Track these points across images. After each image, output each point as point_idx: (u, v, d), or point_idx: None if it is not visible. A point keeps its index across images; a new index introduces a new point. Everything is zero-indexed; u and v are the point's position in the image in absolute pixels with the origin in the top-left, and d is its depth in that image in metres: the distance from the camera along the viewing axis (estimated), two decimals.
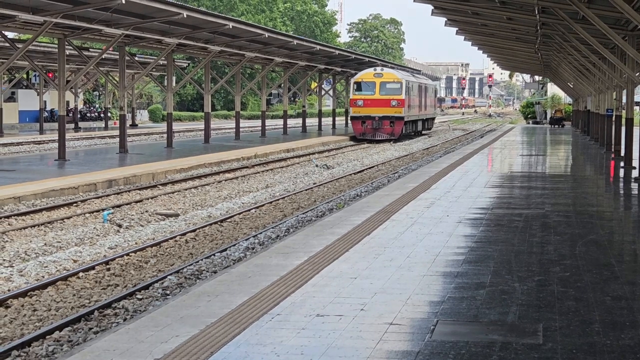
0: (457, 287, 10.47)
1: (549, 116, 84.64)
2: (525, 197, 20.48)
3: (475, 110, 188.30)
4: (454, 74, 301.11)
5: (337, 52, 58.97)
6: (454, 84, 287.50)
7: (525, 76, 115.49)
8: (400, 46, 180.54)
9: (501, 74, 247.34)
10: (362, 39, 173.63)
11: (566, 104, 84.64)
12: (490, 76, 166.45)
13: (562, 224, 15.94)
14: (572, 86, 62.78)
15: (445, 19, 33.06)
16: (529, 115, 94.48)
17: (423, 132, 69.72)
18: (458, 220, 16.14)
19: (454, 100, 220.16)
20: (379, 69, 58.43)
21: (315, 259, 12.19)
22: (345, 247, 13.19)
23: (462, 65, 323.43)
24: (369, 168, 35.77)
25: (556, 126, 76.71)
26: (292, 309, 9.38)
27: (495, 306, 9.54)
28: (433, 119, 76.44)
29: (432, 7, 29.33)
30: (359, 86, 56.95)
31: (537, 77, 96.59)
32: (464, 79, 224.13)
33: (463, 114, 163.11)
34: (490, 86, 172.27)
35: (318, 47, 53.11)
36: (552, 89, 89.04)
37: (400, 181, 24.78)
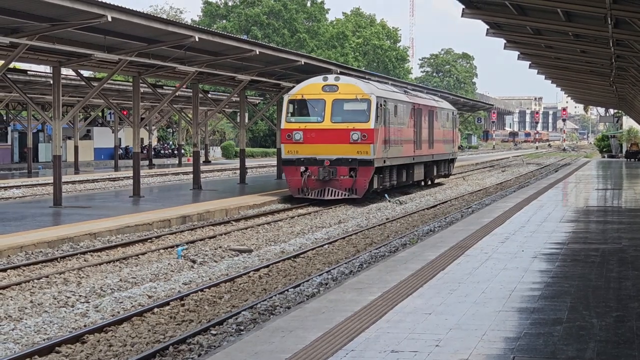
0: (533, 323, 10.32)
1: (624, 150, 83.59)
2: (601, 231, 20.19)
3: (549, 144, 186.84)
4: (527, 108, 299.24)
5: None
6: (527, 118, 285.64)
7: (599, 109, 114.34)
8: (473, 80, 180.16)
9: (575, 107, 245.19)
10: (434, 74, 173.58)
11: None
12: (564, 110, 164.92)
13: None
14: None
15: (517, 53, 32.86)
16: (604, 149, 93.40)
17: (435, 180, 48.40)
18: (533, 256, 15.95)
19: (528, 135, 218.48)
20: (331, 77, 34.87)
21: (389, 295, 12.11)
22: (420, 282, 13.10)
23: (535, 99, 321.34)
24: (442, 203, 35.57)
25: (632, 160, 75.69)
26: (366, 345, 9.32)
27: (572, 342, 9.38)
28: (451, 161, 51.51)
29: (505, 41, 29.17)
30: (297, 107, 34.72)
31: (612, 110, 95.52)
32: (537, 112, 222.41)
33: (537, 148, 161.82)
34: (564, 120, 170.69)
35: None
36: (628, 122, 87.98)
37: (474, 216, 24.60)
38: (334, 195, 33.46)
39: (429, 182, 47.07)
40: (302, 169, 33.74)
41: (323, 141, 33.76)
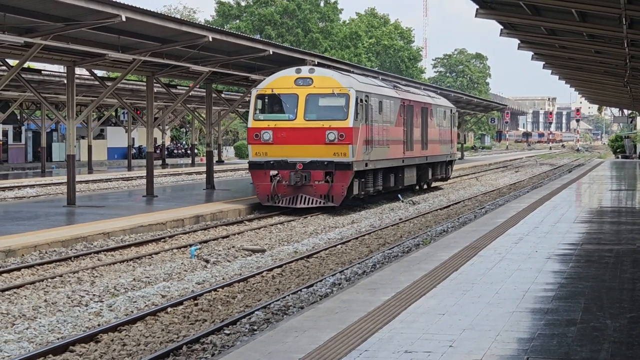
0: (547, 324, 10.31)
1: (638, 150, 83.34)
2: (615, 232, 20.14)
3: (562, 145, 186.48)
4: (541, 109, 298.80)
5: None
6: (541, 119, 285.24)
7: (613, 110, 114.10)
8: (486, 81, 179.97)
9: (589, 107, 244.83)
10: (447, 74, 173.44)
11: None
12: (577, 110, 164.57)
13: None
14: None
15: (531, 53, 32.81)
16: (618, 150, 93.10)
17: (431, 184, 44.74)
18: (547, 256, 15.93)
19: (541, 135, 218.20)
20: (305, 69, 31.21)
21: (402, 295, 12.11)
22: (433, 283, 13.09)
23: (549, 99, 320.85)
24: (455, 203, 35.54)
25: None
26: (379, 345, 9.32)
27: (587, 343, 9.36)
28: (449, 163, 47.10)
29: (519, 42, 29.13)
30: (266, 103, 31.18)
31: (626, 111, 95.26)
32: (551, 113, 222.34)
33: (550, 148, 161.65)
34: (577, 120, 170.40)
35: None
36: None
37: (487, 216, 24.57)
38: (308, 203, 29.90)
39: (425, 187, 43.30)
40: (272, 173, 30.16)
41: (295, 141, 30.22)
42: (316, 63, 34.82)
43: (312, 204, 29.88)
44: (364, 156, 31.16)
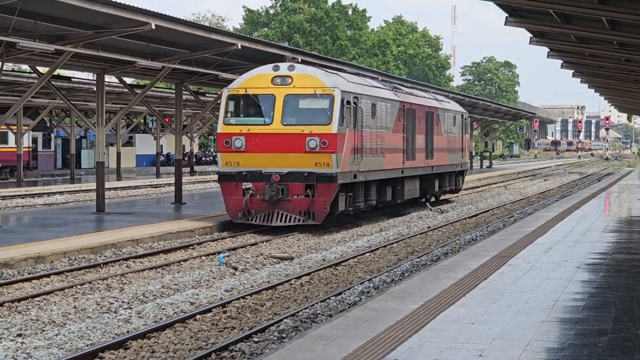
0: (577, 334, 10.25)
1: None
2: None
3: (591, 154, 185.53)
4: (570, 117, 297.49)
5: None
6: (570, 127, 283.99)
7: None
8: (515, 89, 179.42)
9: (618, 116, 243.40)
10: (476, 82, 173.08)
11: None
12: (607, 118, 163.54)
13: None
14: None
15: (561, 61, 32.68)
16: None
17: (440, 196, 40.63)
18: (577, 266, 15.86)
19: (570, 144, 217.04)
20: (284, 66, 27.17)
21: (431, 304, 12.08)
22: (462, 291, 13.05)
23: (578, 108, 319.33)
24: (484, 212, 35.42)
25: None
26: (409, 354, 9.30)
27: (617, 354, 9.31)
28: (460, 173, 42.36)
29: (548, 50, 29.02)
30: (238, 105, 27.32)
31: None
32: (579, 121, 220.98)
33: (579, 157, 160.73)
34: (607, 129, 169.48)
35: None
36: None
37: (516, 225, 24.49)
38: (285, 221, 26.10)
39: (433, 199, 39.30)
40: (245, 185, 26.37)
41: (271, 149, 26.22)
42: (300, 60, 31.34)
43: (289, 221, 26.14)
44: (352, 166, 27.17)
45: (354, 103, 27.38)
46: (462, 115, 42.82)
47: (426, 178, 36.44)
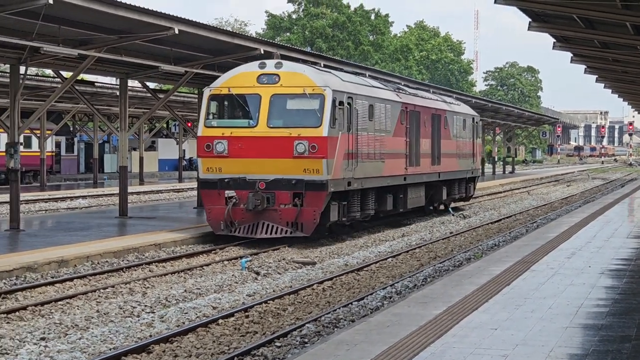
0: (601, 340, 10.20)
1: None
2: None
3: (615, 159, 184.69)
4: (593, 122, 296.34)
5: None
6: (593, 132, 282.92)
7: None
8: (538, 94, 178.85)
9: None
10: (499, 87, 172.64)
11: None
12: (630, 124, 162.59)
13: None
14: None
15: (584, 67, 32.58)
16: None
17: (450, 205, 37.83)
18: (600, 272, 15.79)
19: (593, 149, 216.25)
20: (271, 63, 25.17)
21: (454, 309, 12.05)
22: (485, 297, 13.02)
23: (601, 113, 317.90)
24: (506, 217, 35.32)
25: None
26: None
27: None
28: (471, 180, 40.05)
29: (572, 55, 28.95)
30: (221, 106, 25.51)
31: None
32: (603, 127, 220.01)
33: (602, 162, 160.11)
34: (630, 134, 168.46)
35: None
36: None
37: (539, 231, 24.41)
38: (270, 233, 24.14)
39: (442, 208, 37.17)
40: (228, 193, 24.46)
41: (256, 154, 24.28)
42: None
43: (276, 233, 24.21)
44: (345, 173, 25.09)
45: (348, 104, 25.42)
46: (473, 119, 40.54)
47: (432, 185, 34.47)
